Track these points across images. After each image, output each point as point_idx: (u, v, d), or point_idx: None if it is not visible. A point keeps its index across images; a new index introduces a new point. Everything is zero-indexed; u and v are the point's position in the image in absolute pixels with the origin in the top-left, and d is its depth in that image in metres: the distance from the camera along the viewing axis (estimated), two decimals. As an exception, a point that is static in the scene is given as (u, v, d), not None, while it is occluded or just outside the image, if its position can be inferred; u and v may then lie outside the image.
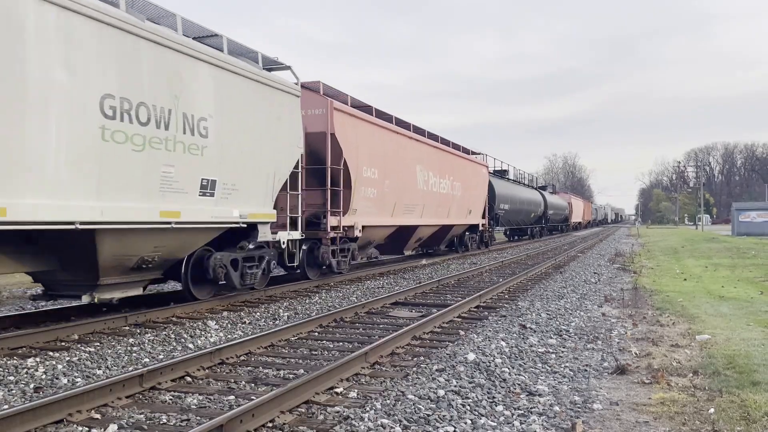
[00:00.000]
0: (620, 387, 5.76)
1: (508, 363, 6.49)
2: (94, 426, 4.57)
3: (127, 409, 4.97)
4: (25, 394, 5.42)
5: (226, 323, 8.87)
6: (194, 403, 5.18)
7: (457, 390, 5.46)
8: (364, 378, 5.96)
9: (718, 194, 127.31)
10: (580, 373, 6.22)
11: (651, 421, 4.80)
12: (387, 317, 9.53)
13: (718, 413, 4.85)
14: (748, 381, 5.71)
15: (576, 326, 8.71)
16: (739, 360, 6.50)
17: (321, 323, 8.65)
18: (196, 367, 6.11)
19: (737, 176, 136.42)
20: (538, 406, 5.09)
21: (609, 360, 6.71)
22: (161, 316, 9.13)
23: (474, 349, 7.04)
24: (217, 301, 10.39)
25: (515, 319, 9.09)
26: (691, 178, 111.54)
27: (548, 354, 6.99)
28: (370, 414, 4.77)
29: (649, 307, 10.64)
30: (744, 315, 9.62)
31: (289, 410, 4.85)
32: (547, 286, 13.44)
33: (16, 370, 6.12)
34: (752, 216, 51.89)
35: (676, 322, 9.08)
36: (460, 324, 8.93)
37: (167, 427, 4.61)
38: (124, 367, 6.38)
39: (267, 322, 9.11)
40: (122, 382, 5.26)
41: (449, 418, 4.75)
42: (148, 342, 7.53)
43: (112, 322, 8.39)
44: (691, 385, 5.67)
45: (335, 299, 11.44)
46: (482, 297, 11.08)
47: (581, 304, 10.83)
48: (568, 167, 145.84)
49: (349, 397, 5.33)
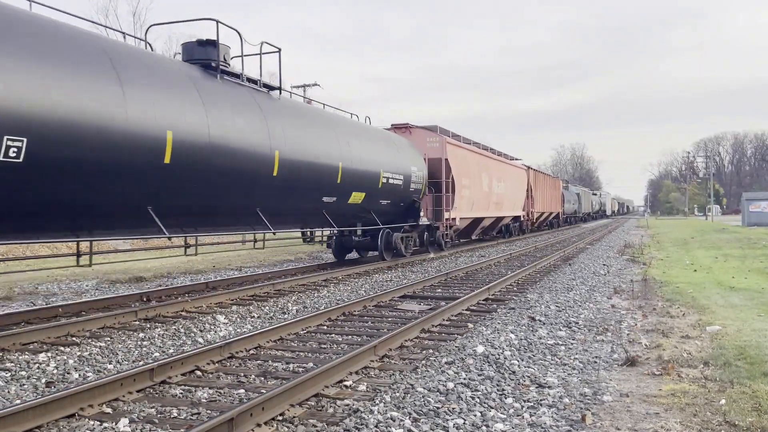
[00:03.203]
0: (630, 379, 5.74)
1: (517, 355, 6.48)
2: (105, 420, 4.60)
3: (138, 404, 5.00)
4: (36, 388, 5.46)
5: (235, 317, 8.90)
6: (204, 396, 5.21)
7: (467, 383, 5.45)
8: (373, 371, 5.96)
9: (727, 184, 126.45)
10: (589, 365, 6.20)
11: (661, 412, 4.78)
12: (396, 310, 9.53)
13: (729, 404, 4.82)
14: (759, 372, 5.67)
15: (585, 318, 8.69)
16: (750, 351, 6.46)
17: (330, 317, 8.67)
18: (206, 361, 6.13)
19: (747, 166, 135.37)
20: (548, 398, 5.08)
21: (619, 352, 6.69)
22: (171, 310, 9.18)
23: (483, 341, 7.03)
24: (227, 295, 10.44)
25: (524, 312, 9.08)
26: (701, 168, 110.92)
27: (557, 346, 6.98)
28: (379, 407, 4.78)
29: (659, 298, 10.59)
30: (755, 306, 9.56)
31: (298, 403, 4.86)
32: (556, 278, 13.41)
33: (28, 365, 6.17)
34: (762, 206, 51.45)
35: (686, 313, 9.03)
36: (468, 317, 8.92)
37: (178, 420, 4.64)
38: (134, 362, 6.42)
39: (276, 316, 9.13)
40: (133, 376, 5.29)
41: (459, 411, 4.75)
42: (158, 336, 7.57)
43: (123, 317, 8.44)
44: (702, 377, 5.65)
45: (344, 293, 11.46)
46: (491, 289, 11.06)
47: (590, 296, 10.80)
48: (576, 159, 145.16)
49: (358, 390, 5.34)
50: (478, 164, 23.92)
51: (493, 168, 26.09)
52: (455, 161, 20.71)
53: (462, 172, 21.35)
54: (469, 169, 22.51)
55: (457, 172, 20.79)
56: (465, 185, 21.67)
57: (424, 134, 20.20)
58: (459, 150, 21.83)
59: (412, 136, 19.88)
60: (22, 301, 10.85)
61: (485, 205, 24.72)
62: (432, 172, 19.68)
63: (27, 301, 10.91)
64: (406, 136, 19.57)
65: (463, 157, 22.02)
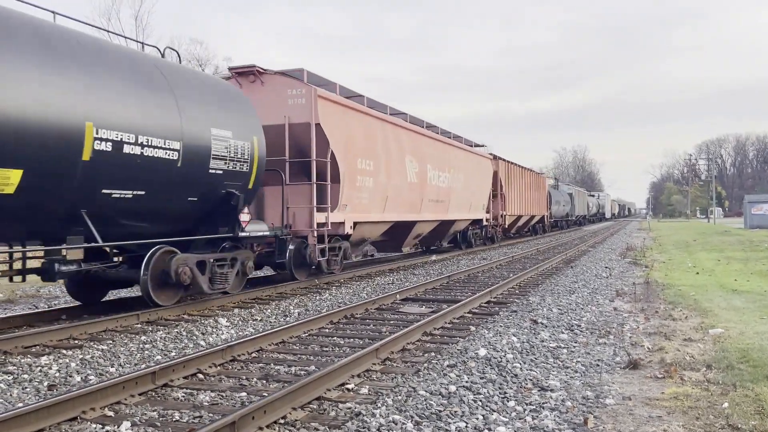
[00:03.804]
0: (633, 382, 5.73)
1: (519, 358, 6.47)
2: (107, 423, 4.60)
3: (140, 407, 5.00)
4: (39, 392, 5.46)
5: (237, 320, 8.90)
6: (206, 400, 5.20)
7: (469, 386, 5.45)
8: (375, 374, 5.96)
9: (729, 187, 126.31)
10: (592, 368, 6.19)
11: (664, 415, 4.77)
12: (397, 313, 9.52)
13: (732, 407, 4.81)
14: (762, 375, 5.66)
15: (588, 321, 8.67)
16: (753, 354, 6.44)
17: (332, 319, 8.66)
18: (208, 364, 6.13)
19: (749, 168, 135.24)
20: (550, 402, 5.07)
21: (621, 355, 6.67)
22: (173, 313, 9.18)
23: (485, 344, 7.03)
24: (228, 299, 10.43)
25: (526, 314, 9.07)
26: (703, 170, 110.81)
27: (560, 349, 6.97)
28: (381, 410, 4.77)
29: (662, 301, 10.57)
30: (758, 308, 9.54)
31: (300, 407, 4.86)
32: (558, 281, 13.39)
33: (30, 369, 6.17)
34: (765, 208, 51.35)
35: (689, 316, 9.02)
36: (470, 319, 8.91)
37: (180, 424, 4.63)
38: (136, 365, 6.42)
39: (278, 318, 9.13)
40: (135, 379, 5.29)
41: (461, 414, 4.74)
42: (160, 339, 7.57)
43: (125, 320, 8.44)
44: (705, 380, 5.63)
45: (345, 295, 11.45)
46: (493, 292, 11.05)
47: (593, 299, 10.78)
48: (578, 161, 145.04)
49: (360, 393, 5.33)
50: (398, 141, 16.34)
51: (433, 152, 18.98)
52: (339, 130, 13.19)
53: (357, 148, 13.96)
54: (376, 145, 14.93)
55: (345, 148, 13.39)
56: (367, 171, 14.38)
57: (283, 85, 12.68)
58: (348, 114, 13.77)
59: (265, 87, 12.74)
60: (24, 304, 10.86)
61: (414, 204, 17.43)
62: (297, 146, 12.62)
63: (29, 304, 10.92)
64: (254, 87, 12.69)
65: (361, 125, 14.33)
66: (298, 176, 12.72)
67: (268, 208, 12.58)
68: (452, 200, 20.71)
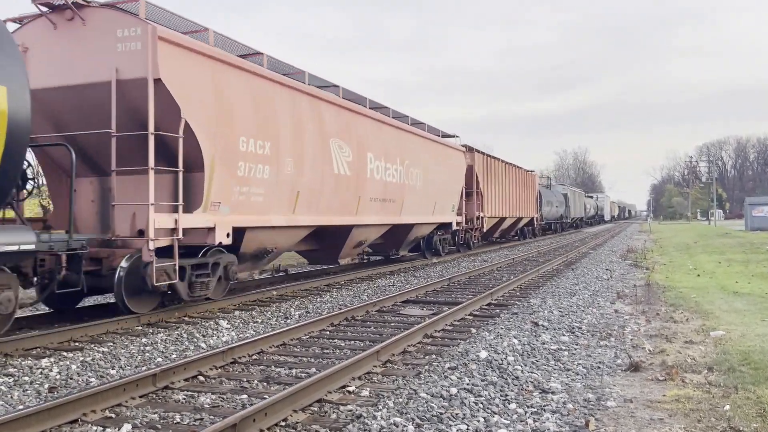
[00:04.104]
0: (634, 384, 5.72)
1: (520, 361, 6.47)
2: (108, 425, 4.60)
3: (140, 409, 4.99)
4: (39, 394, 5.46)
5: (237, 322, 8.90)
6: (207, 402, 5.20)
7: (470, 388, 5.44)
8: (376, 376, 5.96)
9: (730, 189, 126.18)
10: (593, 371, 6.18)
11: (666, 418, 4.77)
12: (398, 315, 9.52)
13: (733, 410, 4.80)
14: (763, 377, 5.65)
15: (589, 323, 8.67)
16: (754, 356, 6.44)
17: (332, 322, 8.66)
18: (208, 366, 6.13)
19: (750, 170, 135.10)
20: (552, 404, 5.06)
21: (622, 357, 6.67)
22: (173, 315, 9.17)
23: (486, 346, 7.02)
24: (229, 301, 10.43)
25: (527, 317, 9.06)
26: (703, 173, 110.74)
27: (561, 351, 6.96)
28: (382, 412, 4.77)
29: (663, 303, 10.56)
30: (759, 311, 9.53)
31: (301, 409, 4.86)
32: (559, 283, 13.38)
33: (31, 371, 6.17)
34: (765, 211, 51.32)
35: (690, 318, 9.01)
36: (471, 322, 8.91)
37: (181, 426, 4.63)
38: (137, 367, 6.42)
39: (279, 321, 9.13)
40: (136, 381, 5.29)
41: (462, 417, 4.74)
42: (160, 341, 7.57)
43: (125, 323, 8.43)
44: (706, 382, 5.63)
45: (346, 298, 11.45)
46: (493, 294, 11.05)
47: (594, 301, 10.78)
48: (578, 163, 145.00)
49: (361, 395, 5.33)
50: (318, 119, 12.13)
51: (370, 136, 14.36)
52: (203, 92, 9.20)
53: (242, 122, 9.90)
54: (276, 121, 10.80)
55: (217, 119, 9.40)
56: (260, 156, 10.27)
57: (112, 22, 8.67)
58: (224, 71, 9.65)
59: (87, 27, 8.76)
60: (24, 307, 10.84)
61: (348, 203, 13.36)
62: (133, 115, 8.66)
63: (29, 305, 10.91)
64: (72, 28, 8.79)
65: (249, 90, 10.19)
66: (133, 159, 8.67)
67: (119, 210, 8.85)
68: (407, 200, 16.42)
